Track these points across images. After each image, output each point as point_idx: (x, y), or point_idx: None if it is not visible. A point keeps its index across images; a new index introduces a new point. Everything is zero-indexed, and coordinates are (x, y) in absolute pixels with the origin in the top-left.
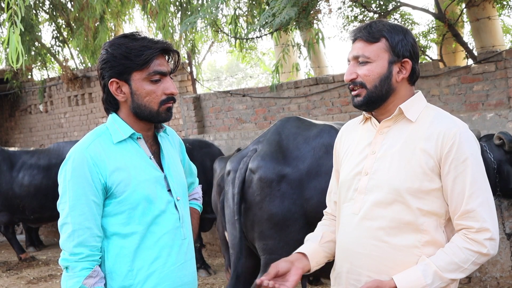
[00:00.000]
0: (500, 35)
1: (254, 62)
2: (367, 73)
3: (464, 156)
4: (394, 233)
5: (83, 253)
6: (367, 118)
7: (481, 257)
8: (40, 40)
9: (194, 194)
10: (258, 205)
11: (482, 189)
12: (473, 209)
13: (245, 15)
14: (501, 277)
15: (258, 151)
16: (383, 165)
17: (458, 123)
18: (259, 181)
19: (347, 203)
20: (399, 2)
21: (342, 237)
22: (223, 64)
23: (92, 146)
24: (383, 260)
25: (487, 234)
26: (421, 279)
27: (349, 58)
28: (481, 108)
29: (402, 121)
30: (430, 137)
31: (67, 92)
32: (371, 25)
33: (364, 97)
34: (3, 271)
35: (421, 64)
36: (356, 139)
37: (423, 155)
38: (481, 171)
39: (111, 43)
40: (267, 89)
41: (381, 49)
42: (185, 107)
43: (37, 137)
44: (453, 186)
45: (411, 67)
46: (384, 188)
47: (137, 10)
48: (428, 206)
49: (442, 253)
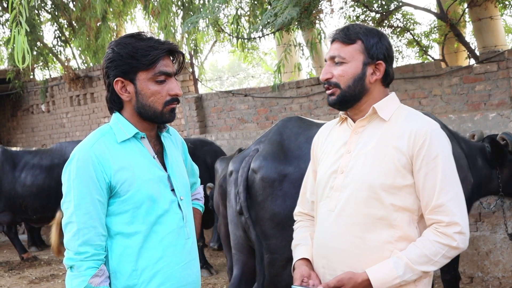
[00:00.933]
0: (502, 35)
1: (256, 62)
2: (341, 73)
3: (435, 153)
4: (368, 228)
5: (88, 252)
6: (344, 119)
7: (451, 250)
8: (42, 40)
9: (196, 194)
10: (260, 205)
11: (452, 184)
12: (443, 204)
13: (247, 15)
14: (503, 277)
15: (260, 151)
16: (357, 163)
17: (430, 122)
18: (261, 180)
19: (323, 201)
20: (401, 2)
21: (319, 233)
22: (225, 64)
23: (96, 145)
24: (357, 255)
25: (457, 227)
26: (392, 271)
27: (326, 58)
28: (483, 108)
29: (376, 121)
30: (403, 135)
31: (69, 92)
32: (349, 28)
33: (338, 96)
34: (5, 271)
35: (423, 64)
36: (333, 139)
37: (396, 153)
38: (452, 167)
39: (118, 42)
40: (269, 89)
41: (356, 51)
42: (187, 107)
43: (39, 137)
44: (425, 182)
45: (384, 69)
46: (359, 185)
47: (139, 10)
48: (401, 202)
49: (413, 247)
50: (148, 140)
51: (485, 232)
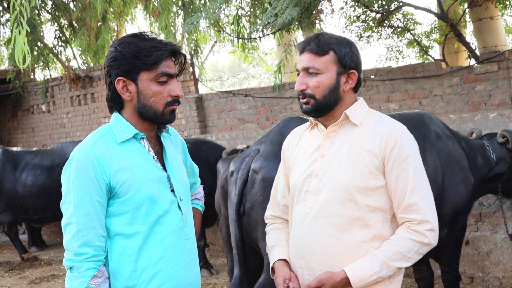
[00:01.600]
0: (503, 35)
1: (256, 62)
2: (317, 85)
3: (405, 155)
4: (344, 229)
5: (88, 253)
6: (314, 124)
7: (423, 246)
8: (42, 40)
9: (196, 194)
10: (261, 205)
11: (422, 184)
12: (415, 203)
13: (248, 15)
14: (504, 277)
15: (261, 151)
16: (332, 166)
17: (399, 125)
18: (262, 181)
19: (299, 205)
20: (401, 2)
21: (295, 235)
22: (225, 64)
23: (96, 146)
24: (335, 254)
25: (428, 225)
26: (369, 268)
27: (298, 69)
28: (484, 108)
29: (347, 126)
30: (374, 138)
31: (69, 92)
32: (319, 38)
33: (313, 105)
34: (5, 271)
35: (424, 64)
36: (305, 144)
37: (368, 155)
38: (421, 168)
39: (121, 41)
40: (270, 89)
41: (329, 62)
42: (187, 107)
43: (40, 137)
44: (396, 182)
45: (357, 78)
46: (335, 187)
47: (140, 10)
48: (375, 203)
49: (388, 244)
50: (148, 141)
51: (486, 232)
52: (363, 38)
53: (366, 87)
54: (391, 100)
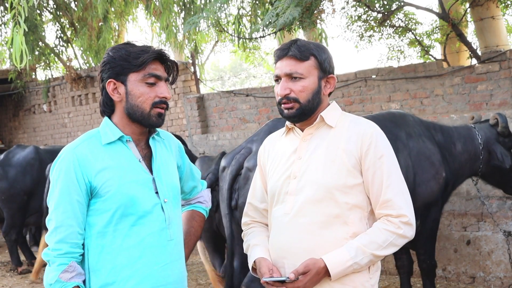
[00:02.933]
0: (504, 35)
1: (257, 62)
2: (301, 89)
3: (380, 153)
4: (325, 226)
5: (62, 249)
6: (289, 129)
7: (398, 238)
8: (44, 40)
9: (199, 198)
10: None
11: (397, 181)
12: (390, 199)
13: (249, 15)
14: (505, 277)
15: (254, 150)
16: (310, 167)
17: (373, 125)
18: None
19: (278, 206)
20: (403, 2)
21: (275, 236)
22: (227, 64)
23: (80, 147)
24: (315, 251)
25: (404, 218)
26: (345, 253)
27: (279, 74)
28: (485, 108)
29: (323, 128)
30: (350, 138)
31: (70, 92)
32: (298, 44)
33: (297, 109)
34: (6, 270)
35: (425, 64)
36: (281, 149)
37: (345, 155)
38: (396, 165)
39: (113, 48)
40: (271, 89)
41: (311, 66)
42: (188, 107)
43: (41, 137)
44: (373, 180)
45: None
46: (314, 186)
47: (141, 10)
48: (353, 200)
49: (364, 235)
50: (136, 144)
51: (487, 232)
52: (365, 37)
53: (367, 87)
54: (393, 100)
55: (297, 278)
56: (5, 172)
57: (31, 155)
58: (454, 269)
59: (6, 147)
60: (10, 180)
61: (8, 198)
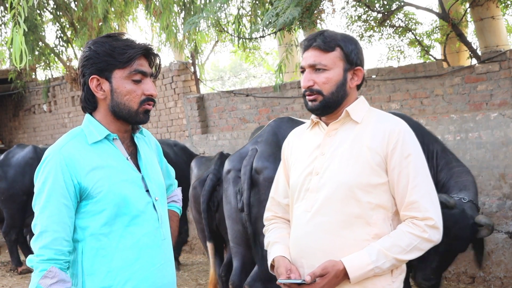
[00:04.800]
0: (504, 34)
1: (257, 62)
2: (325, 81)
3: (407, 152)
4: (345, 226)
5: (44, 255)
6: (315, 123)
7: (423, 242)
8: (44, 40)
9: (173, 197)
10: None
11: (424, 182)
12: (416, 200)
13: (249, 15)
14: (505, 277)
15: (260, 151)
16: (332, 164)
17: (401, 122)
18: (264, 181)
19: (298, 203)
20: (403, 2)
21: (295, 234)
22: (227, 64)
23: (66, 148)
24: (335, 252)
25: (430, 221)
26: (366, 257)
27: (304, 66)
28: (485, 108)
29: (348, 123)
30: (376, 135)
31: (71, 92)
32: (324, 35)
33: (321, 102)
34: (7, 270)
35: (425, 64)
36: (305, 143)
37: (370, 152)
38: (423, 165)
39: (95, 41)
40: (271, 89)
41: (337, 58)
42: (188, 107)
43: (41, 137)
44: (398, 180)
45: (362, 75)
46: (335, 184)
47: (141, 10)
48: (377, 200)
49: (387, 237)
50: (121, 142)
51: None
52: (365, 37)
53: (367, 86)
54: (393, 100)
55: (315, 280)
56: (4, 173)
57: (29, 154)
58: (454, 269)
59: (6, 147)
60: (10, 180)
61: (8, 199)
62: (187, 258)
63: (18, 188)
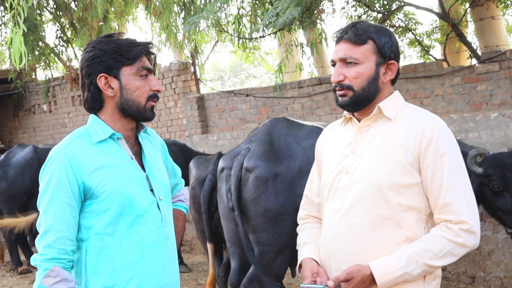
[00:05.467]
0: (504, 35)
1: (257, 62)
2: (355, 75)
3: (441, 151)
4: (375, 228)
5: (48, 254)
6: (348, 119)
7: (458, 247)
8: (44, 40)
9: (179, 196)
10: (254, 202)
11: (459, 183)
12: (450, 203)
13: (249, 15)
14: (505, 277)
15: (252, 150)
16: (363, 162)
17: (436, 119)
18: (255, 179)
19: (328, 203)
20: (403, 2)
21: (324, 235)
22: (227, 64)
23: (70, 147)
24: (364, 255)
25: (465, 225)
26: (395, 262)
27: (334, 59)
28: (485, 108)
29: (381, 120)
30: (409, 133)
31: (71, 92)
32: (357, 27)
33: (351, 97)
34: (7, 270)
35: (425, 64)
36: (337, 140)
37: (402, 150)
38: (459, 165)
39: (98, 41)
40: (271, 89)
41: (368, 51)
42: (188, 107)
43: (41, 137)
44: (432, 180)
45: (397, 69)
46: (364, 184)
47: (141, 10)
48: (408, 201)
49: (419, 241)
50: (126, 141)
51: (487, 232)
52: None
53: None
54: None
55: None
56: (5, 173)
57: (29, 155)
58: (454, 269)
59: (6, 147)
60: (10, 180)
61: (8, 199)
62: (187, 258)
63: (18, 188)
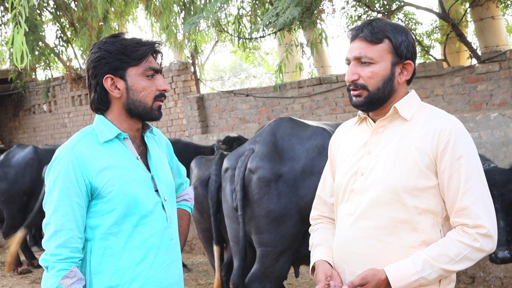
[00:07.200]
0: (504, 35)
1: (257, 62)
2: (370, 75)
3: (459, 154)
4: (390, 232)
5: (63, 254)
6: (363, 118)
7: (474, 252)
8: (44, 40)
9: (184, 195)
10: (257, 203)
11: (477, 186)
12: (467, 206)
13: (249, 15)
14: (505, 277)
15: (256, 151)
16: (378, 164)
17: (453, 120)
18: (258, 180)
19: (343, 204)
20: (403, 2)
21: (338, 238)
22: (227, 64)
23: (77, 146)
24: (379, 259)
25: (483, 230)
26: (410, 267)
27: (349, 58)
28: (485, 108)
29: (397, 120)
30: (426, 134)
31: (71, 92)
32: (372, 25)
33: (366, 98)
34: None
35: (425, 64)
36: (351, 140)
37: (418, 153)
38: (477, 168)
39: (103, 42)
40: (271, 89)
41: (384, 50)
42: (188, 107)
43: (41, 137)
44: (449, 184)
45: (413, 69)
46: (380, 186)
47: (141, 10)
48: (424, 204)
49: (435, 245)
50: (132, 141)
51: None
52: None
53: None
54: None
55: None
56: (5, 173)
57: (30, 155)
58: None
59: (6, 147)
60: (10, 181)
61: (8, 199)
62: (187, 258)
63: (19, 189)
